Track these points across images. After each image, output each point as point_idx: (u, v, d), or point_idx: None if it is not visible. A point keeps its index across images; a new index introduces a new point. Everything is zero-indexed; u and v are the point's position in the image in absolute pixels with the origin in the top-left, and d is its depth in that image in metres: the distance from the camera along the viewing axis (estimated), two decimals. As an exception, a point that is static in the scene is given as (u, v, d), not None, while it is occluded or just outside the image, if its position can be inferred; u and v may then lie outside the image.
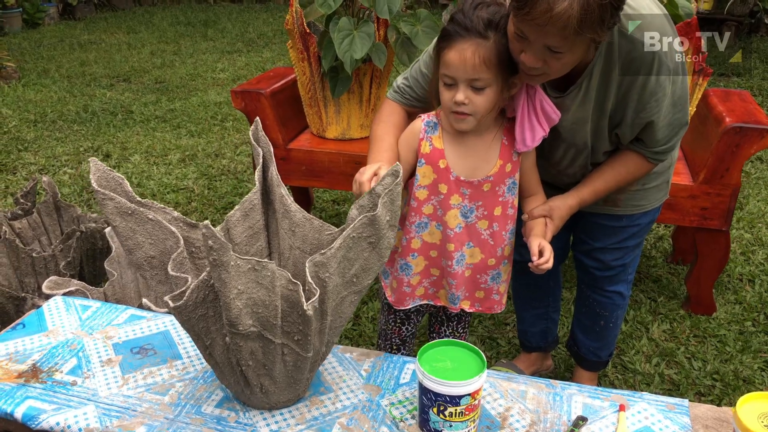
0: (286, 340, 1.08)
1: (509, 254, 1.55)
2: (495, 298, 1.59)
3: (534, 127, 1.41)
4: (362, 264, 1.12)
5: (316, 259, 1.05)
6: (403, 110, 1.58)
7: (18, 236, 2.41)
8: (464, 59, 1.31)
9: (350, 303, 1.17)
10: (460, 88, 1.34)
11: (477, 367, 1.16)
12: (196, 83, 5.69)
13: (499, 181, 1.46)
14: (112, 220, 1.09)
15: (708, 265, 2.30)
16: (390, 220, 1.10)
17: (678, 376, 2.08)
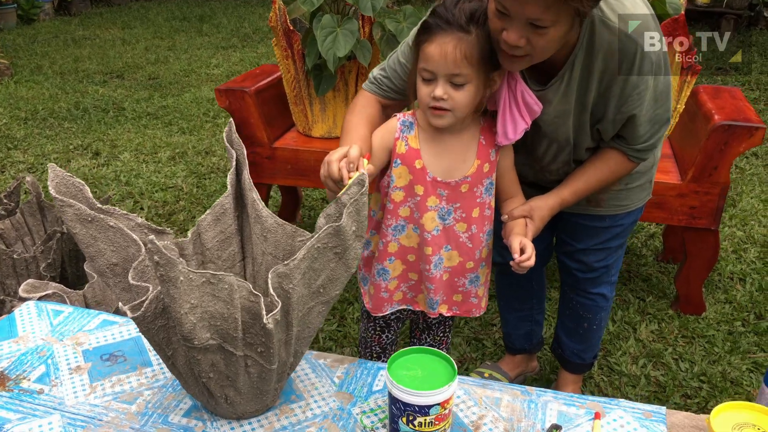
0: (249, 351, 1.06)
1: (487, 256, 1.53)
2: (473, 301, 1.56)
3: (516, 119, 1.38)
4: (329, 275, 1.10)
5: (279, 270, 1.02)
6: (378, 103, 1.55)
7: (0, 237, 2.39)
8: (445, 53, 1.28)
9: (318, 313, 1.15)
10: (440, 83, 1.31)
11: (447, 377, 1.14)
12: (189, 79, 5.66)
13: (477, 181, 1.43)
14: (72, 227, 1.07)
15: (697, 265, 2.27)
16: (356, 230, 1.07)
17: (664, 377, 2.06)
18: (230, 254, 1.28)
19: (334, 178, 1.27)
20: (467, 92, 1.32)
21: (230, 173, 1.23)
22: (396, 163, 1.43)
